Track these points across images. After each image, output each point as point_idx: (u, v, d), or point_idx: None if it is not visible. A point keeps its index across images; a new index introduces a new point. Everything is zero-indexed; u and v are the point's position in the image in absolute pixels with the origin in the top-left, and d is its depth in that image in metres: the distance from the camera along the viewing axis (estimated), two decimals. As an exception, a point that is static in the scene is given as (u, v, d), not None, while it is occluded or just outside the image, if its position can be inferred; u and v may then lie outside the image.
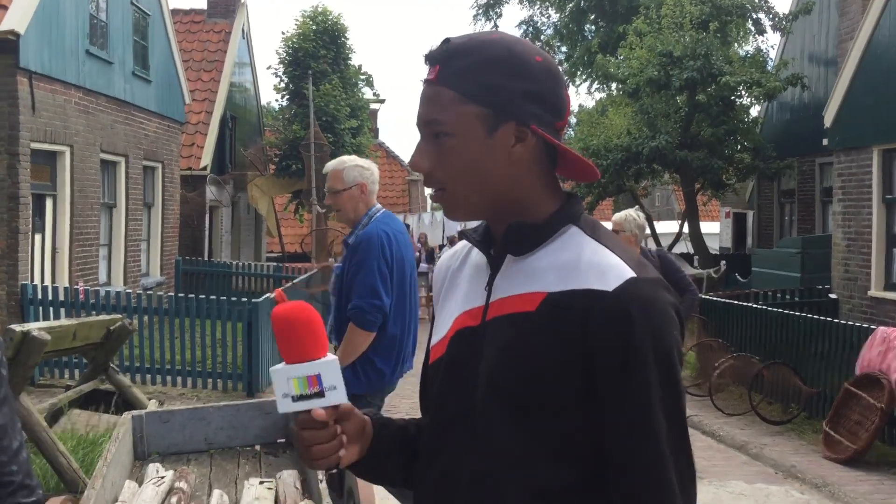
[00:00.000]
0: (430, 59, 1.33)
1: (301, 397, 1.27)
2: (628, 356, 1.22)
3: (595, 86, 25.18)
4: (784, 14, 16.96)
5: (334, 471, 1.31)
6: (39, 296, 9.61)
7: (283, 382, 1.28)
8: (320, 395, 1.27)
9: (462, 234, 1.44)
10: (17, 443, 1.64)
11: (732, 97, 15.42)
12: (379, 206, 4.34)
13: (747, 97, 15.92)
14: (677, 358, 1.25)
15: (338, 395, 1.28)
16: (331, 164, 4.39)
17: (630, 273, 1.25)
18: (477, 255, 1.42)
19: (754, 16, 17.26)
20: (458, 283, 1.44)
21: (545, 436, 1.26)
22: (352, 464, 1.40)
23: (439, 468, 1.35)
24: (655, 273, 1.29)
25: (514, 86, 1.29)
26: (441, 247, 24.37)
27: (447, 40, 1.33)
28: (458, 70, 1.30)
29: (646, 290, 1.24)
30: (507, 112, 1.29)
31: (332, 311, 4.32)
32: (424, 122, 1.33)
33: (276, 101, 22.02)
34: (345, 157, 4.43)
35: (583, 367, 1.24)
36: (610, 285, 1.24)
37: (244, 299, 9.67)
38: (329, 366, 1.28)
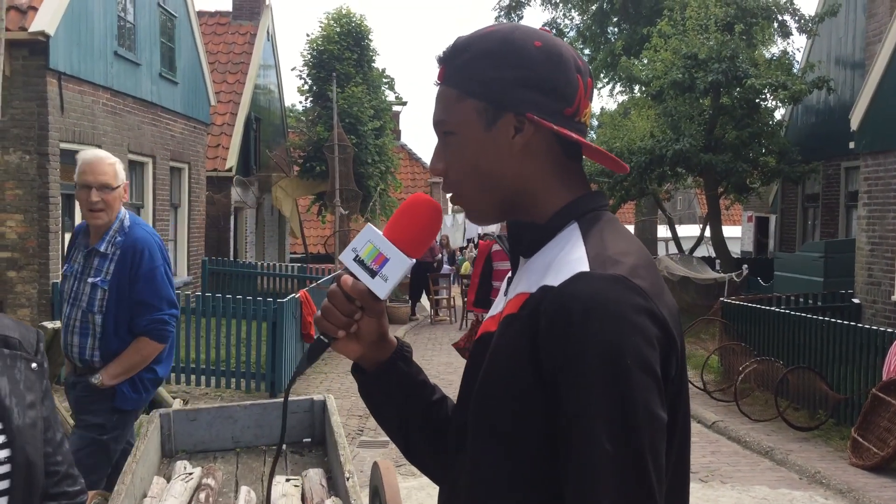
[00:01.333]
0: (438, 60, 1.32)
1: (361, 262, 1.27)
2: (564, 356, 1.09)
3: (618, 88, 25.09)
4: (810, 16, 16.82)
5: (326, 342, 1.29)
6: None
7: (363, 240, 1.28)
8: (373, 273, 1.26)
9: (498, 238, 1.43)
10: (59, 434, 1.69)
11: (757, 100, 15.31)
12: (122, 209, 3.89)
13: (772, 100, 15.81)
14: (634, 369, 1.07)
15: (383, 287, 1.26)
16: (97, 155, 3.84)
17: (582, 268, 1.13)
18: None
19: (780, 18, 17.10)
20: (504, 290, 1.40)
21: (514, 450, 1.16)
22: (359, 375, 1.39)
23: (451, 477, 1.32)
24: (629, 271, 1.13)
25: (509, 75, 1.24)
26: (462, 249, 24.38)
27: (456, 39, 1.31)
28: (457, 67, 1.28)
29: (593, 286, 1.10)
30: (503, 103, 1.24)
31: (92, 333, 3.84)
32: (435, 124, 1.31)
33: (300, 102, 22.11)
34: (101, 152, 3.92)
35: (536, 370, 1.13)
36: (558, 280, 1.14)
37: (269, 299, 9.74)
38: (400, 260, 1.27)
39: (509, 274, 1.39)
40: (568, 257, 1.17)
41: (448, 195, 1.36)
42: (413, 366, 1.39)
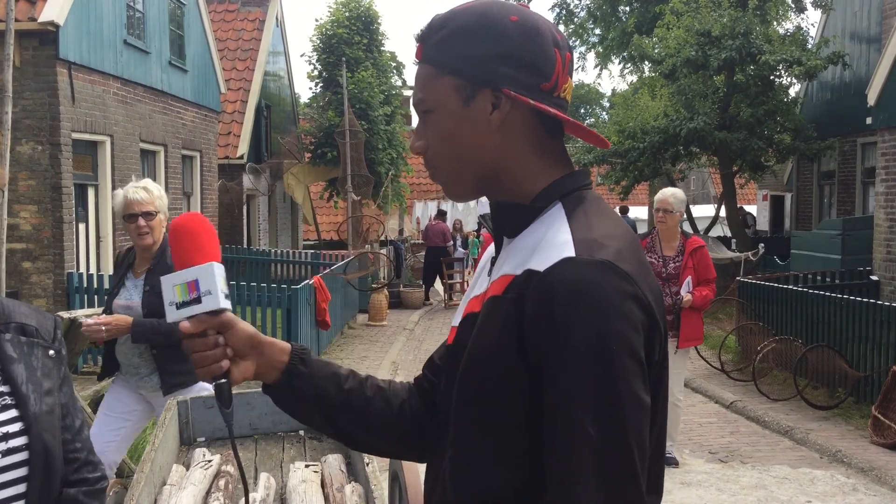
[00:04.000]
0: (416, 38, 1.31)
1: (183, 304, 1.26)
2: (551, 342, 1.09)
3: (629, 67, 24.90)
4: (824, -10, 16.62)
5: (222, 381, 1.28)
6: (85, 284, 9.77)
7: (169, 290, 1.27)
8: (198, 300, 1.26)
9: (482, 218, 1.40)
10: (79, 421, 1.68)
11: (772, 77, 15.15)
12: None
13: (787, 76, 15.64)
14: (620, 353, 1.08)
15: (212, 301, 1.26)
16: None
17: (568, 253, 1.13)
18: None
19: (794, -7, 16.93)
20: (485, 269, 1.39)
21: (498, 432, 1.17)
22: (267, 391, 1.38)
23: (432, 459, 1.34)
24: (614, 256, 1.13)
25: (484, 51, 1.23)
26: (477, 232, 24.35)
27: (433, 17, 1.31)
28: (434, 45, 1.27)
29: (579, 272, 1.10)
30: (479, 79, 1.23)
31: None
32: (414, 104, 1.31)
33: (310, 88, 22.07)
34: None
35: (521, 354, 1.13)
36: (543, 265, 1.14)
37: (283, 286, 9.74)
38: (205, 271, 1.27)
39: (491, 253, 1.39)
40: (553, 241, 1.17)
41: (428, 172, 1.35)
42: (314, 364, 1.39)
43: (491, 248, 1.45)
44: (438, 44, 1.27)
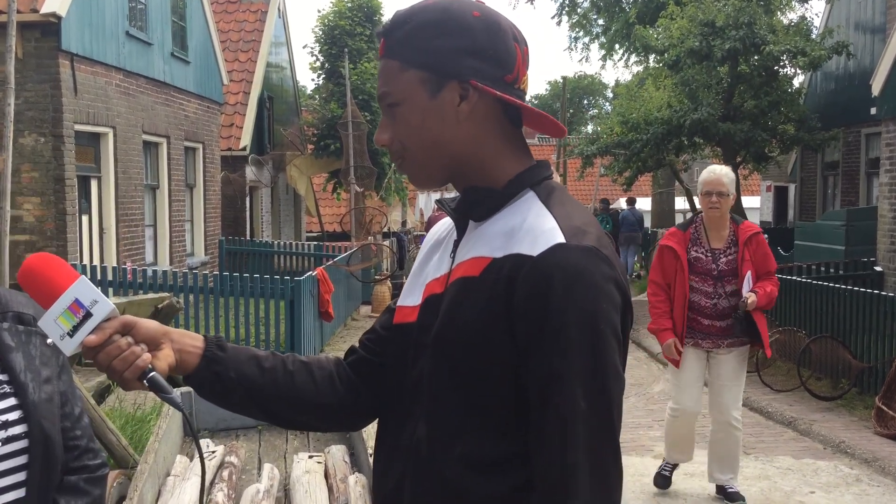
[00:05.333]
0: (378, 34, 1.35)
1: (75, 329, 1.27)
2: (545, 325, 1.17)
3: (633, 58, 24.80)
4: (829, -20, 16.53)
5: (151, 374, 1.28)
6: (89, 275, 9.75)
7: (53, 327, 1.28)
8: (88, 315, 1.27)
9: (439, 203, 1.43)
10: (78, 409, 1.69)
11: (776, 67, 15.08)
12: None
13: (791, 67, 15.57)
14: (607, 333, 1.18)
15: (103, 306, 1.27)
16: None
17: (559, 239, 1.21)
18: None
19: (798, -18, 16.86)
20: (437, 251, 1.43)
21: (481, 405, 1.24)
22: (189, 381, 1.38)
23: (391, 431, 1.37)
24: (596, 242, 1.22)
25: (450, 44, 1.28)
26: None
27: (396, 13, 1.34)
28: (398, 39, 1.31)
29: (572, 257, 1.19)
30: (446, 72, 1.28)
31: None
32: (379, 97, 1.35)
33: (313, 80, 22.03)
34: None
35: (509, 335, 1.20)
36: (536, 250, 1.21)
37: (286, 278, 9.75)
38: (79, 286, 1.28)
39: (434, 237, 1.45)
40: (540, 227, 1.23)
41: (394, 164, 1.41)
42: (231, 349, 1.40)
43: (437, 230, 1.49)
44: (403, 38, 1.30)
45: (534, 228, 1.24)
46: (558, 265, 1.18)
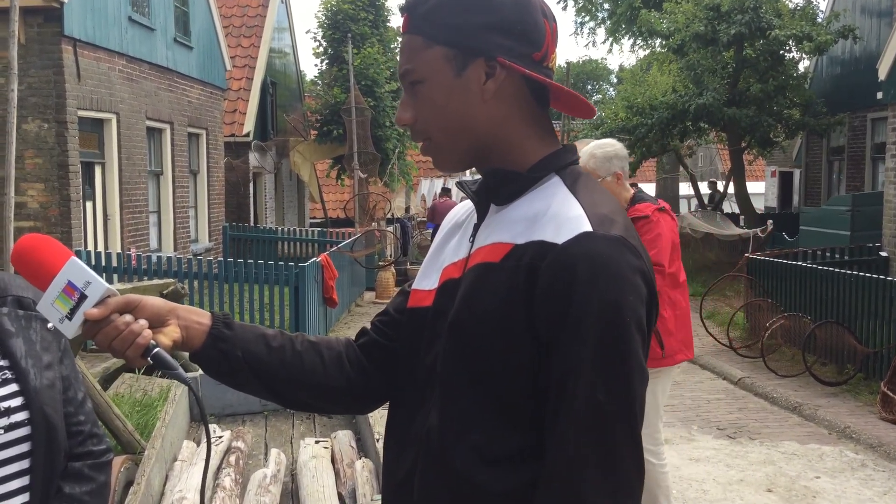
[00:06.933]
0: (401, 9, 1.31)
1: (72, 311, 1.26)
2: (567, 313, 1.12)
3: (638, 43, 24.69)
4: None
5: (154, 350, 1.27)
6: (93, 262, 9.77)
7: (51, 311, 1.27)
8: (83, 297, 1.26)
9: (460, 185, 1.39)
10: (81, 394, 1.67)
11: (781, 52, 15.00)
12: None
13: (797, 52, 15.48)
14: (631, 325, 1.13)
15: (97, 287, 1.26)
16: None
17: (586, 227, 1.16)
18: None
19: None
20: (456, 234, 1.39)
21: (495, 396, 1.20)
22: (195, 359, 1.36)
23: (402, 418, 1.34)
24: (624, 231, 1.17)
25: (476, 20, 1.23)
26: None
27: None
28: (422, 15, 1.26)
29: (599, 247, 1.14)
30: (472, 48, 1.23)
31: None
32: (401, 75, 1.30)
33: (316, 65, 21.96)
34: None
35: (529, 325, 1.16)
36: (561, 238, 1.16)
37: (291, 264, 9.74)
38: (70, 268, 1.27)
39: (453, 220, 1.40)
40: (566, 214, 1.19)
41: (418, 144, 1.34)
42: (238, 326, 1.37)
43: (456, 212, 1.44)
44: (427, 14, 1.25)
45: (559, 215, 1.19)
46: (584, 255, 1.13)
